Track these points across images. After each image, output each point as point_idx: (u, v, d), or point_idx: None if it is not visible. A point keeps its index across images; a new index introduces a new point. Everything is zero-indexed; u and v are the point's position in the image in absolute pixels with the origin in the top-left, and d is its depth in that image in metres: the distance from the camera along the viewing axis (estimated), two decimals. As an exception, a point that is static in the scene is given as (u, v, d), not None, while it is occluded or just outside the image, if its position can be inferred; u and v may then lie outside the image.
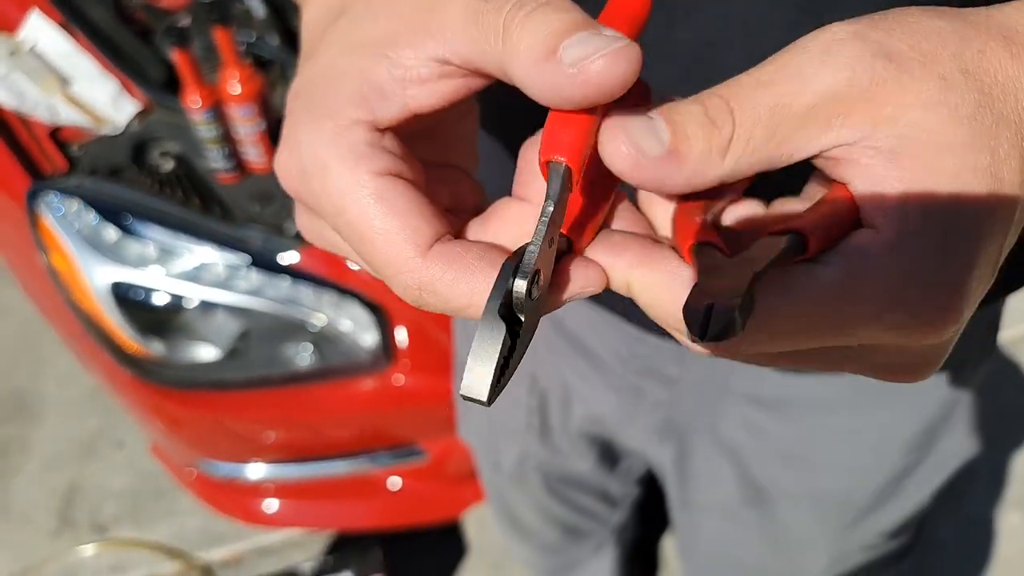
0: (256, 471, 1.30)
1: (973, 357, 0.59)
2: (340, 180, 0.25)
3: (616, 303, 0.56)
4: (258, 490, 1.36)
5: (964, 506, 1.56)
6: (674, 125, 0.23)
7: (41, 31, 1.29)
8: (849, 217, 0.23)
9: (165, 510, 1.60)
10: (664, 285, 0.25)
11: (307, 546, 1.54)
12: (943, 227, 0.22)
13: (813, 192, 0.27)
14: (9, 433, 1.73)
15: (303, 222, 0.30)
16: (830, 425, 0.61)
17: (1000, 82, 0.23)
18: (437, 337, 1.14)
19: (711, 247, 0.24)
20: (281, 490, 1.36)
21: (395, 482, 1.35)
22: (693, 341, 0.22)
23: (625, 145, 0.23)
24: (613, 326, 0.60)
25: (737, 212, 0.28)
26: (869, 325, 0.23)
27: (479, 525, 1.56)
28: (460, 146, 0.32)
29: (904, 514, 0.68)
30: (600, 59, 0.21)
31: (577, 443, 0.78)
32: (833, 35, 0.23)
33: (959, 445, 0.64)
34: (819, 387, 0.59)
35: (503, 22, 0.23)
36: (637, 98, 0.25)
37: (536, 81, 0.23)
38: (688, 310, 0.21)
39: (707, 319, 0.21)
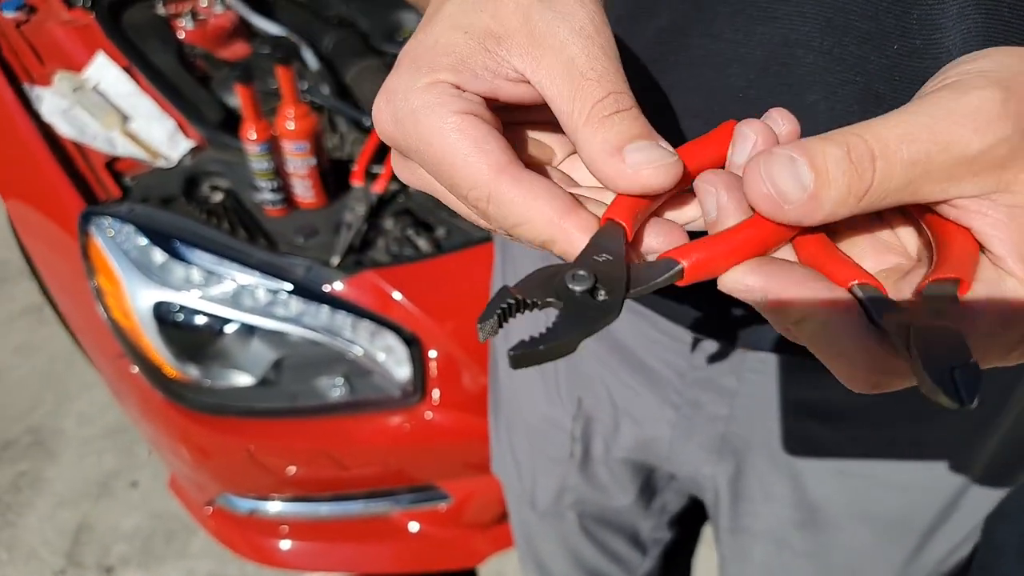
0: (275, 508, 1.28)
1: None
2: (427, 119, 0.29)
3: (675, 313, 0.57)
4: (274, 530, 1.34)
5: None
6: (817, 170, 0.24)
7: (105, 71, 1.37)
8: (975, 255, 0.25)
9: (175, 553, 1.56)
10: (849, 330, 0.25)
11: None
12: None
13: (895, 216, 0.29)
14: (24, 469, 1.71)
15: (397, 165, 0.34)
16: (888, 438, 0.61)
17: None
18: (470, 376, 1.15)
19: (871, 290, 0.25)
20: (297, 530, 1.34)
21: (414, 526, 1.32)
22: (898, 376, 0.24)
23: (768, 188, 0.25)
24: (670, 338, 0.61)
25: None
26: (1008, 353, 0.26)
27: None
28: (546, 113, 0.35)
29: (962, 535, 0.66)
30: (651, 168, 0.27)
31: (618, 474, 0.77)
32: (981, 99, 0.25)
33: (1021, 461, 0.63)
34: (878, 397, 0.59)
35: (591, 109, 0.28)
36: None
37: (599, 168, 0.28)
38: (938, 380, 0.22)
39: (954, 386, 0.22)
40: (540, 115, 0.33)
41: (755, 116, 0.41)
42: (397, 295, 1.11)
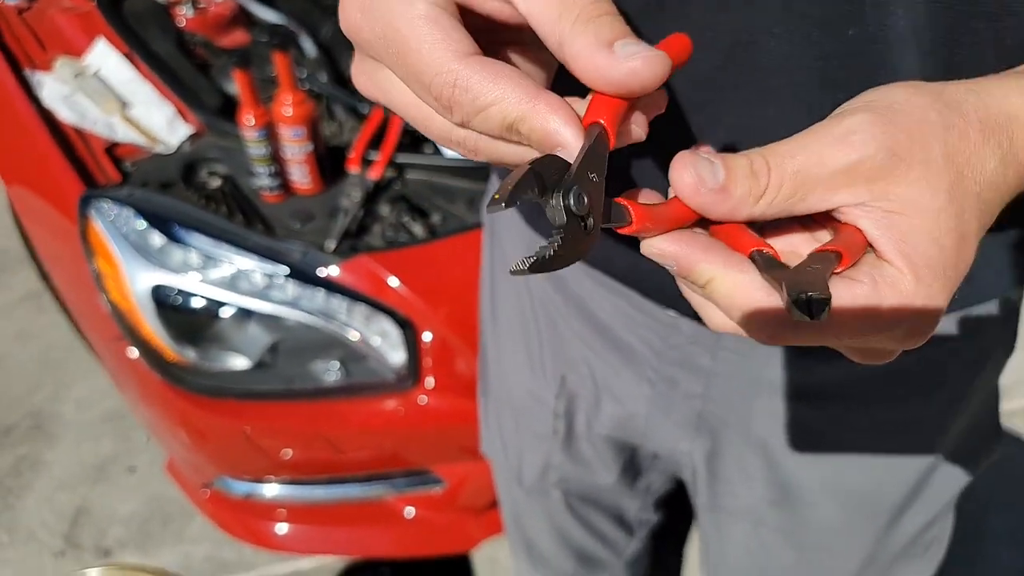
0: (271, 491, 1.30)
1: (995, 354, 0.61)
2: (398, 5, 0.30)
3: (653, 291, 0.58)
4: (270, 513, 1.35)
5: None
6: (728, 169, 0.30)
7: (106, 57, 1.38)
8: (862, 246, 0.31)
9: (172, 536, 1.58)
10: (746, 286, 0.30)
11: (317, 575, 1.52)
12: (918, 270, 0.30)
13: (815, 226, 0.34)
14: (24, 453, 1.73)
15: (356, 70, 0.35)
16: (858, 417, 0.62)
17: (973, 163, 0.31)
18: (463, 361, 1.17)
19: (767, 255, 0.30)
20: (293, 514, 1.36)
21: (410, 511, 1.34)
22: (789, 327, 0.29)
23: (691, 176, 0.30)
24: (646, 315, 0.62)
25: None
26: (880, 332, 0.30)
27: (490, 564, 1.54)
28: (521, 36, 0.35)
29: (932, 514, 0.68)
30: (641, 59, 0.28)
31: (602, 451, 0.79)
32: (852, 122, 0.30)
33: (986, 444, 0.65)
34: (850, 377, 0.60)
35: (579, 12, 0.29)
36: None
37: (589, 61, 0.29)
38: (793, 298, 0.27)
39: (808, 305, 0.27)
40: (511, 37, 0.34)
41: (723, 101, 0.44)
42: (392, 280, 1.12)
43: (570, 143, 0.28)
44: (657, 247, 0.31)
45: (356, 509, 1.36)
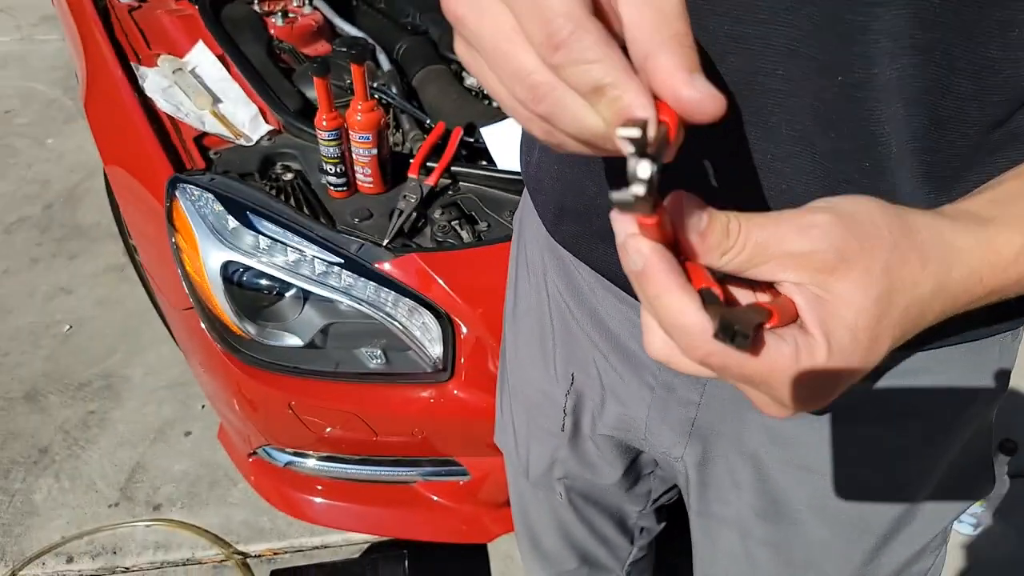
0: (309, 464, 1.40)
1: (982, 394, 0.62)
2: None
3: None
4: (307, 486, 1.46)
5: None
6: (710, 220, 0.34)
7: (203, 57, 1.53)
8: (793, 313, 0.36)
9: (216, 499, 1.70)
10: (688, 308, 0.33)
11: (341, 554, 1.61)
12: (832, 348, 0.34)
13: (763, 287, 0.38)
14: (93, 409, 1.89)
15: (460, 48, 0.37)
16: (849, 438, 0.63)
17: (906, 282, 0.35)
18: (495, 360, 1.25)
19: (713, 292, 0.35)
20: (328, 490, 1.46)
21: (435, 498, 1.42)
22: (715, 354, 0.33)
23: (686, 218, 0.34)
24: None
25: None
26: (784, 386, 0.35)
27: (505, 561, 1.61)
28: None
29: (922, 543, 0.68)
30: (712, 93, 0.30)
31: (605, 451, 0.82)
32: (812, 221, 0.35)
33: (978, 480, 0.66)
34: (842, 399, 0.63)
35: (673, 34, 0.30)
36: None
37: (669, 79, 0.30)
38: (722, 324, 0.32)
39: (732, 334, 0.32)
40: None
41: (727, 135, 0.47)
42: (437, 278, 1.22)
43: (649, 118, 0.29)
44: (637, 245, 0.33)
45: (386, 491, 1.45)
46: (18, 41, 3.55)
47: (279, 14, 1.67)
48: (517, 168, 0.98)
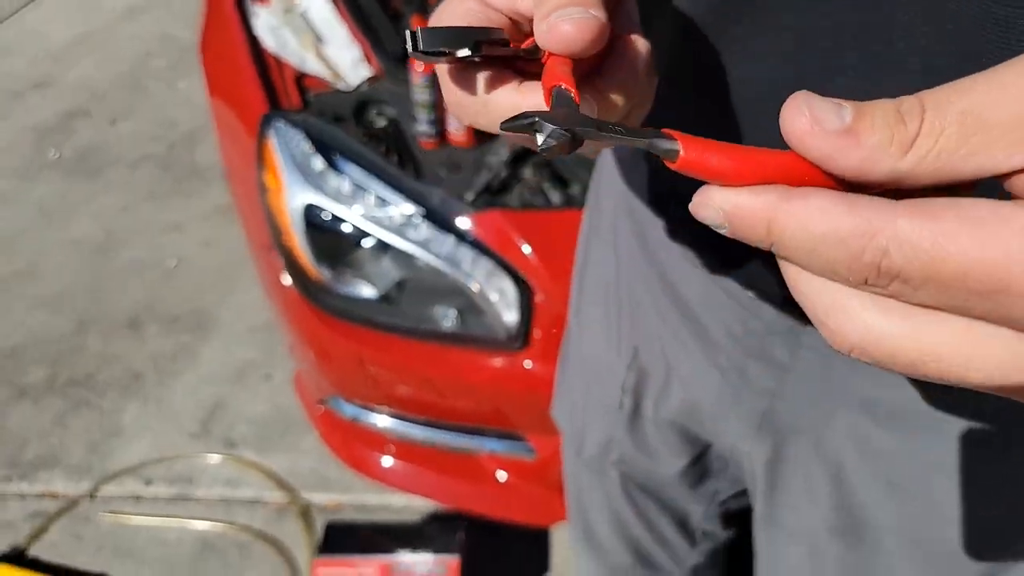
0: (375, 419, 1.37)
1: None
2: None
3: (739, 274, 0.55)
4: (374, 442, 1.43)
5: None
6: (860, 111, 0.22)
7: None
8: None
9: (287, 444, 1.71)
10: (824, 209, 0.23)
11: (401, 515, 1.59)
12: None
13: None
14: (184, 342, 1.94)
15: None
16: (953, 459, 0.55)
17: None
18: (574, 334, 1.16)
19: (567, 93, 0.28)
20: (396, 449, 1.42)
21: (501, 474, 1.36)
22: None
23: (805, 116, 0.22)
24: (727, 295, 0.58)
25: None
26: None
27: (563, 547, 1.53)
28: None
29: None
30: (569, 22, 0.30)
31: (667, 437, 0.75)
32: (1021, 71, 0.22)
33: None
34: (951, 406, 0.54)
35: None
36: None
37: (540, 27, 0.31)
38: (524, 115, 0.25)
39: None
40: None
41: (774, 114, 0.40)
42: (519, 241, 1.14)
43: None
44: (713, 198, 0.24)
45: (452, 459, 1.40)
46: (164, -11, 3.72)
47: (394, -41, 1.62)
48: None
